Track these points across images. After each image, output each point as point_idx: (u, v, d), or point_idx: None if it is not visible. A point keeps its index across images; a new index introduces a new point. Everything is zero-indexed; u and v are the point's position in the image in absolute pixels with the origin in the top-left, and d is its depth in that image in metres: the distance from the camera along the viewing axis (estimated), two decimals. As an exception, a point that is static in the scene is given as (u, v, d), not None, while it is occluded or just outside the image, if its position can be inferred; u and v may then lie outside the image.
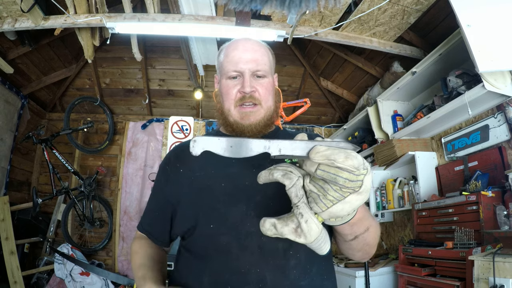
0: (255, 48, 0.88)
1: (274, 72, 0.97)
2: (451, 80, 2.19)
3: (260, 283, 0.68)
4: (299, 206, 0.53)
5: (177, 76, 4.13)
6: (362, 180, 0.51)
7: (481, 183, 2.00)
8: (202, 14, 2.62)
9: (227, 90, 0.87)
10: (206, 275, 0.71)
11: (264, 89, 0.86)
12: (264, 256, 0.70)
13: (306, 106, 3.38)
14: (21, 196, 3.74)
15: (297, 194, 0.54)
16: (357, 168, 0.50)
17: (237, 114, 0.85)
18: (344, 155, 0.49)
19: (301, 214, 0.53)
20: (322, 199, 0.52)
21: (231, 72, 0.86)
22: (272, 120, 0.89)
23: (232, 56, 0.87)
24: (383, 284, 2.58)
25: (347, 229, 0.65)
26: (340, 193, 0.51)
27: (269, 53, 0.93)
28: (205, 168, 0.82)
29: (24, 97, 3.66)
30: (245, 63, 0.85)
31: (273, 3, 0.47)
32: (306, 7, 0.47)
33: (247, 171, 0.77)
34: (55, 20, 2.51)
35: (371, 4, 2.32)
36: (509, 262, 1.44)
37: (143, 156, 4.17)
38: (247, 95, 0.84)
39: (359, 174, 0.50)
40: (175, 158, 0.90)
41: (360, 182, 0.50)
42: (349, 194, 0.51)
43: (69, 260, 3.11)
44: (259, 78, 0.86)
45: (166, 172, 0.90)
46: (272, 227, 0.55)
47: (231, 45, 0.90)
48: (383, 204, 3.03)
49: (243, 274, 0.68)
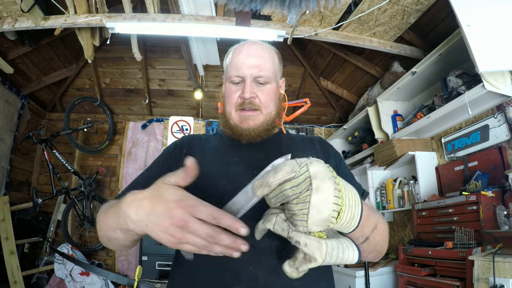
0: (259, 53, 0.88)
1: (282, 76, 0.97)
2: (451, 80, 2.19)
3: (252, 281, 0.68)
4: (291, 237, 0.52)
5: (177, 76, 4.13)
6: (308, 176, 0.49)
7: (481, 183, 2.00)
8: (202, 14, 2.62)
9: (229, 94, 0.89)
10: (201, 273, 0.72)
11: (265, 96, 0.87)
12: (257, 255, 0.70)
13: (306, 106, 3.37)
14: (21, 196, 3.74)
15: (283, 228, 0.53)
16: (292, 171, 0.49)
17: (237, 117, 0.87)
18: (272, 172, 0.50)
19: (297, 242, 0.52)
20: (296, 218, 0.50)
21: (234, 77, 0.87)
22: (272, 125, 0.90)
23: (236, 60, 0.88)
24: (383, 284, 2.57)
25: (358, 231, 0.62)
26: (301, 202, 0.49)
27: (275, 57, 0.92)
28: (209, 164, 0.82)
29: (24, 97, 3.66)
30: (247, 68, 0.85)
31: (273, 3, 0.47)
32: (306, 7, 0.47)
33: (248, 173, 0.77)
34: (55, 20, 2.51)
35: (371, 4, 2.32)
36: (509, 262, 1.44)
37: (143, 156, 4.17)
38: (247, 100, 0.85)
39: (301, 174, 0.49)
40: (182, 147, 0.90)
41: (308, 179, 0.49)
42: (308, 196, 0.48)
43: (69, 260, 3.11)
44: (260, 85, 0.87)
45: (172, 156, 0.89)
46: (291, 268, 0.54)
47: (236, 49, 0.91)
48: (383, 204, 3.03)
49: (235, 273, 0.69)
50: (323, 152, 0.92)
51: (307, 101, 3.40)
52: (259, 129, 0.86)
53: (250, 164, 0.82)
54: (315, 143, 0.95)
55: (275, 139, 0.93)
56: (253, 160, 0.83)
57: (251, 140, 0.86)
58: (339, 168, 0.92)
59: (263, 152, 0.87)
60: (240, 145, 0.88)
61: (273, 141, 0.92)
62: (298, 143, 0.94)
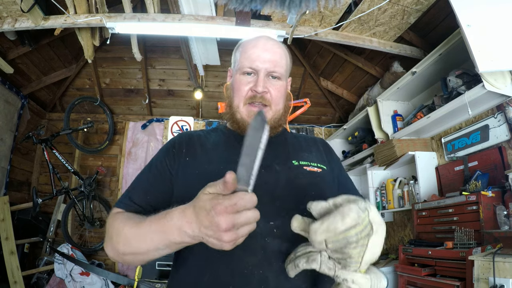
0: (275, 49, 0.87)
1: (289, 76, 0.96)
2: (451, 80, 2.19)
3: (263, 284, 0.67)
4: (338, 276, 0.54)
5: (177, 76, 4.13)
6: (369, 222, 0.51)
7: (481, 183, 2.00)
8: (202, 14, 2.62)
9: (239, 86, 0.86)
10: (206, 275, 0.70)
11: (277, 91, 0.85)
12: (267, 257, 0.69)
13: (306, 106, 3.38)
14: (21, 196, 3.74)
15: (330, 267, 0.55)
16: (358, 218, 0.50)
17: (245, 111, 0.85)
18: (340, 217, 0.50)
19: (345, 280, 0.54)
20: (350, 261, 0.53)
21: (246, 68, 0.85)
22: (279, 123, 0.88)
23: (251, 53, 0.86)
24: (383, 284, 2.57)
25: None
26: (360, 246, 0.51)
27: (287, 56, 0.92)
28: (214, 162, 0.80)
29: (24, 97, 3.66)
30: (262, 62, 0.84)
31: (273, 3, 0.47)
32: (306, 7, 0.47)
33: None
34: (55, 20, 2.51)
35: (371, 4, 2.32)
36: (509, 262, 1.44)
37: (143, 156, 4.17)
38: (259, 95, 0.83)
39: (363, 221, 0.51)
40: (181, 144, 0.86)
41: (369, 226, 0.51)
42: (367, 240, 0.51)
43: (69, 260, 3.11)
44: (273, 79, 0.86)
45: (171, 154, 0.84)
46: None
47: (251, 42, 0.89)
48: (383, 204, 3.03)
49: (245, 275, 0.67)
50: (326, 155, 0.92)
51: (307, 101, 3.40)
52: None
53: None
54: (318, 145, 0.95)
55: (280, 137, 0.92)
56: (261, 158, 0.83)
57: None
58: (340, 175, 0.92)
59: (269, 150, 0.86)
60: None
61: (278, 139, 0.91)
62: (302, 142, 0.93)
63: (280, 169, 0.80)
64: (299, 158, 0.84)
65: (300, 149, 0.89)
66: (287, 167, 0.81)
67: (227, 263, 0.69)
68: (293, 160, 0.83)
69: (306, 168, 0.82)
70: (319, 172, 0.83)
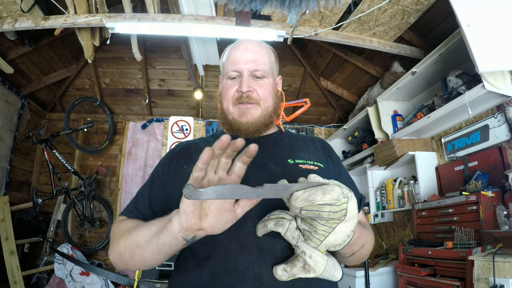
0: (256, 49, 0.89)
1: (278, 74, 0.97)
2: (451, 80, 2.19)
3: (258, 281, 0.68)
4: (299, 246, 0.60)
5: (177, 76, 4.13)
6: (345, 208, 0.55)
7: (481, 183, 2.00)
8: (202, 14, 2.62)
9: (226, 90, 0.89)
10: (204, 273, 0.71)
11: (263, 89, 0.87)
12: (262, 255, 0.70)
13: (306, 106, 3.37)
14: (21, 196, 3.74)
15: (294, 236, 0.60)
16: (337, 199, 0.54)
17: (235, 111, 0.87)
18: (321, 191, 0.54)
19: (303, 252, 0.59)
20: (314, 235, 0.57)
21: (231, 72, 0.88)
22: (270, 120, 0.89)
23: (233, 56, 0.89)
24: (383, 284, 2.58)
25: (346, 249, 0.69)
26: (328, 225, 0.56)
27: (271, 54, 0.93)
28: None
29: (24, 97, 3.66)
30: (244, 63, 0.86)
31: (273, 3, 0.47)
32: (306, 7, 0.47)
33: (251, 170, 0.77)
34: (55, 20, 2.51)
35: (371, 4, 2.32)
36: (509, 262, 1.44)
37: (143, 156, 4.17)
38: (244, 94, 0.85)
39: (341, 204, 0.55)
40: (179, 154, 0.89)
41: (344, 211, 0.55)
42: (336, 224, 0.55)
43: (69, 260, 3.11)
44: (258, 79, 0.88)
45: (171, 163, 0.88)
46: (284, 272, 0.62)
47: (234, 46, 0.92)
48: (383, 204, 3.03)
49: (240, 273, 0.68)
50: (324, 154, 0.92)
51: (307, 101, 3.40)
52: (257, 124, 0.86)
53: (252, 162, 0.81)
54: (316, 143, 0.95)
55: (276, 137, 0.92)
56: (255, 158, 0.83)
57: (249, 135, 0.86)
58: (341, 174, 0.91)
59: (265, 150, 0.86)
60: None
61: (274, 139, 0.92)
62: (299, 141, 0.94)
63: (275, 168, 0.81)
64: (295, 157, 0.85)
65: (297, 148, 0.90)
66: (282, 166, 0.82)
67: (222, 261, 0.70)
68: (289, 159, 0.84)
69: (302, 166, 0.83)
70: (315, 170, 0.83)
